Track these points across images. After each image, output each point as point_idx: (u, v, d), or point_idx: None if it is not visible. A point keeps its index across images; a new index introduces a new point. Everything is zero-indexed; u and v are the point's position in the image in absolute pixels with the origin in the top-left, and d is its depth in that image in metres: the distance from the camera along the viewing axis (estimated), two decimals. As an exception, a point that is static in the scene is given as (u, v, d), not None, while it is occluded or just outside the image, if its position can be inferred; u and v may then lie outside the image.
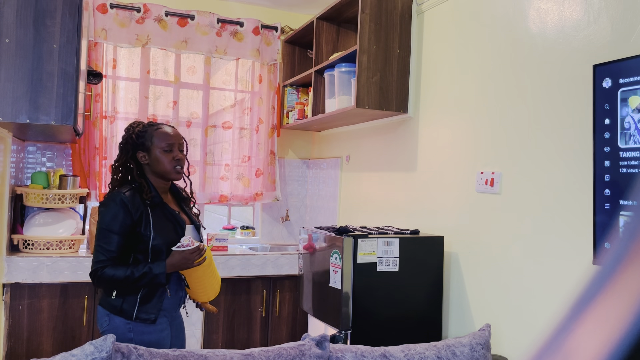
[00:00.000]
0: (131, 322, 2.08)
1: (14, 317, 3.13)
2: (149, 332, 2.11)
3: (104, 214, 2.06)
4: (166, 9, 3.89)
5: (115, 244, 2.03)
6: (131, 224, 2.06)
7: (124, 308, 2.09)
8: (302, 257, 2.94)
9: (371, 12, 3.07)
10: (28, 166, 3.69)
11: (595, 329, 0.36)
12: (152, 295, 2.11)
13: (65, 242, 3.35)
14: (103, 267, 2.01)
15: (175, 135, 2.20)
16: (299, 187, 4.51)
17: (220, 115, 4.20)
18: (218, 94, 4.17)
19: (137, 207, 2.08)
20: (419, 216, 3.05)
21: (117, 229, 2.04)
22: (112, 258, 2.03)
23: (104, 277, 2.01)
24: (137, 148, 2.16)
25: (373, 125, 3.59)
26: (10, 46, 2.37)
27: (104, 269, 2.01)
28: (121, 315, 2.08)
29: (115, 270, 2.01)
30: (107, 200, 2.09)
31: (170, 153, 2.17)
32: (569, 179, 2.11)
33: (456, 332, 2.70)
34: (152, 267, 2.04)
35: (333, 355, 1.98)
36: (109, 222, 2.04)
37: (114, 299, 2.08)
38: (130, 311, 2.08)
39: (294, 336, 3.72)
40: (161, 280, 2.05)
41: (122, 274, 2.01)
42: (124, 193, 2.07)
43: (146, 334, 2.10)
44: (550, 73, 2.22)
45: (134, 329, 2.08)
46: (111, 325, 2.09)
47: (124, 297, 2.09)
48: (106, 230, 2.04)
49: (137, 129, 2.17)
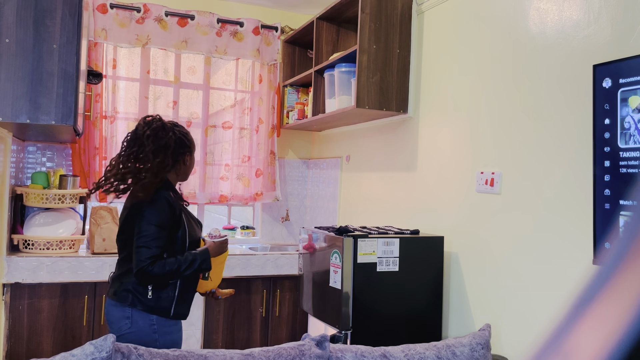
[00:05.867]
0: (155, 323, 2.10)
1: (14, 317, 3.13)
2: (171, 332, 2.14)
3: (152, 212, 2.11)
4: (166, 9, 3.89)
5: (164, 240, 2.10)
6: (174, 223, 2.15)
7: (162, 306, 2.11)
8: (302, 257, 2.94)
9: (371, 12, 3.07)
10: (28, 166, 3.69)
11: (595, 329, 0.36)
12: (187, 291, 2.19)
13: (65, 242, 3.35)
14: (153, 262, 2.06)
15: None
16: (299, 187, 4.51)
17: (220, 115, 4.20)
18: (218, 94, 4.17)
19: (178, 207, 2.18)
20: (419, 216, 3.05)
21: (167, 225, 2.11)
22: (161, 254, 2.09)
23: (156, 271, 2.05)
24: (187, 150, 2.25)
25: (373, 125, 3.59)
26: (10, 46, 2.37)
27: (154, 264, 2.06)
28: (157, 313, 2.11)
29: (164, 263, 2.07)
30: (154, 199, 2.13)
31: None
32: (569, 178, 2.11)
33: (456, 332, 2.69)
34: (197, 255, 2.15)
35: (333, 355, 1.98)
36: (159, 220, 2.10)
37: (149, 298, 2.10)
38: (168, 308, 2.13)
39: (294, 336, 3.72)
40: (208, 266, 2.17)
41: (174, 263, 2.08)
42: (167, 193, 2.16)
43: (169, 333, 2.13)
44: (550, 73, 2.22)
45: (159, 329, 2.10)
46: (134, 327, 2.08)
47: (159, 295, 2.12)
48: (156, 226, 2.09)
49: (180, 130, 2.24)
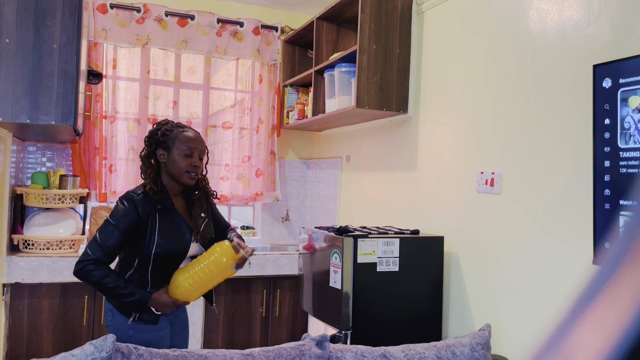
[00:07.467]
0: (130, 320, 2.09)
1: (14, 317, 3.13)
2: (148, 330, 2.11)
3: (115, 210, 2.06)
4: (166, 9, 3.89)
5: (115, 240, 2.02)
6: (137, 225, 2.05)
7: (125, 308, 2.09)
8: (302, 257, 2.94)
9: (371, 12, 3.07)
10: (28, 166, 3.69)
11: (595, 329, 0.36)
12: None
13: (65, 242, 3.35)
14: (94, 263, 1.99)
15: (198, 141, 2.17)
16: (299, 187, 4.51)
17: (220, 115, 4.20)
18: (218, 94, 4.17)
19: (148, 211, 2.07)
20: (419, 216, 3.05)
21: (123, 226, 2.03)
22: (106, 253, 2.01)
23: (91, 275, 1.98)
24: (159, 145, 2.14)
25: (373, 125, 3.59)
26: (10, 46, 2.37)
27: (95, 266, 1.98)
28: (123, 313, 2.09)
29: (106, 275, 1.99)
30: (122, 198, 2.09)
31: (189, 158, 2.14)
32: (569, 179, 2.11)
33: (456, 332, 2.69)
34: (137, 292, 2.02)
35: (333, 355, 1.98)
36: (117, 218, 2.03)
37: None
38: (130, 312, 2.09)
39: (294, 336, 3.72)
40: (141, 308, 2.05)
41: (111, 282, 1.99)
42: (137, 194, 2.07)
43: (145, 332, 2.11)
44: (550, 73, 2.22)
45: (134, 326, 2.09)
46: (114, 321, 2.10)
47: None
48: (112, 224, 2.03)
49: (164, 127, 2.16)
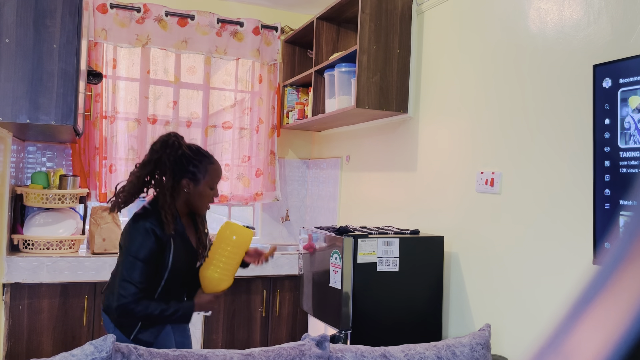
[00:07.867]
0: None
1: (14, 317, 3.13)
2: None
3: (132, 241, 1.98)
4: (166, 9, 3.89)
5: (145, 275, 1.97)
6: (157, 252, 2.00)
7: (124, 325, 2.07)
8: (302, 257, 2.94)
9: (371, 12, 3.07)
10: (28, 166, 3.69)
11: (595, 329, 0.36)
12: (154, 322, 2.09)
13: (65, 242, 3.35)
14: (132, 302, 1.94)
15: (221, 173, 2.15)
16: (299, 187, 4.50)
17: (220, 115, 4.20)
18: (218, 94, 4.17)
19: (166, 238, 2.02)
20: (419, 216, 3.05)
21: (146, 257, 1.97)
22: (142, 289, 1.97)
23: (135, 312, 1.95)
24: (185, 176, 2.04)
25: (373, 125, 3.59)
26: (10, 46, 2.37)
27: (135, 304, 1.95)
28: (121, 330, 2.06)
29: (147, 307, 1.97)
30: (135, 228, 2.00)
31: (213, 191, 2.12)
32: (569, 179, 2.11)
33: (456, 332, 2.69)
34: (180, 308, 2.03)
35: (333, 355, 1.98)
36: (137, 250, 1.96)
37: None
38: (130, 331, 2.06)
39: (294, 336, 3.72)
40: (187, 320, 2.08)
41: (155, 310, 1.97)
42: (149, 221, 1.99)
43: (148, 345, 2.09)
44: (550, 73, 2.22)
45: None
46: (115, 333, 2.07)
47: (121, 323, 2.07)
48: (134, 258, 1.96)
49: (188, 153, 2.04)
